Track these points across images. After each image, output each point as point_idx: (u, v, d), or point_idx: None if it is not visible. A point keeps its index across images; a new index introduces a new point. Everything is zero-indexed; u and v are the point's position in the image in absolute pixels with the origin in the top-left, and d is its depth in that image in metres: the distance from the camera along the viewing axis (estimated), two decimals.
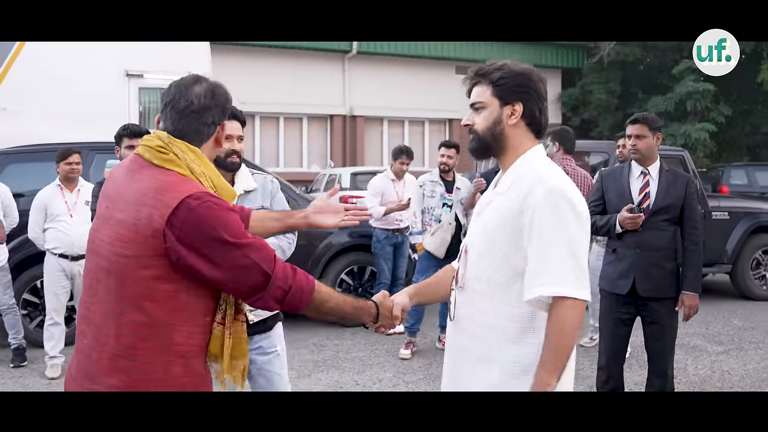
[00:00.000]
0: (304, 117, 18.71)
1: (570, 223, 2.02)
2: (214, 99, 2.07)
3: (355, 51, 18.39)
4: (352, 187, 13.72)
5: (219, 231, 1.90)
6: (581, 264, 2.03)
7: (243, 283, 1.97)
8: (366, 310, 2.33)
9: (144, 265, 1.89)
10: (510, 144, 2.20)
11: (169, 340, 1.93)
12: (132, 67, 10.31)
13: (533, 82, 2.16)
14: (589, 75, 19.77)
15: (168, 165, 1.99)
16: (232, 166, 3.31)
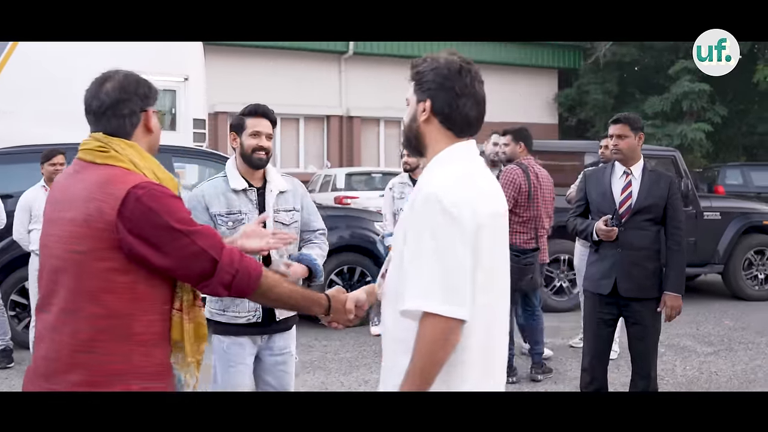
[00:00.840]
0: (301, 117, 18.72)
1: (441, 232, 1.82)
2: (125, 90, 2.10)
3: (352, 52, 18.41)
4: (346, 187, 13.74)
5: (165, 218, 1.95)
6: (453, 276, 1.81)
7: (192, 270, 2.01)
8: (317, 301, 2.32)
9: (99, 258, 1.93)
10: (426, 142, 2.06)
11: (129, 330, 1.96)
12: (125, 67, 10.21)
13: (448, 77, 1.99)
14: (586, 75, 19.80)
15: (110, 161, 2.03)
16: (259, 162, 3.37)
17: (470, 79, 2.01)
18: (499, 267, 2.00)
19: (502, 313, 2.03)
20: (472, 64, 2.04)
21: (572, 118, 20.57)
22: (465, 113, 2.01)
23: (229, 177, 3.40)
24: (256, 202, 3.39)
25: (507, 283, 2.06)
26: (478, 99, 2.03)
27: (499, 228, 2.01)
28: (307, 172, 17.44)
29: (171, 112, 10.66)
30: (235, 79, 16.87)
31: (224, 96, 16.51)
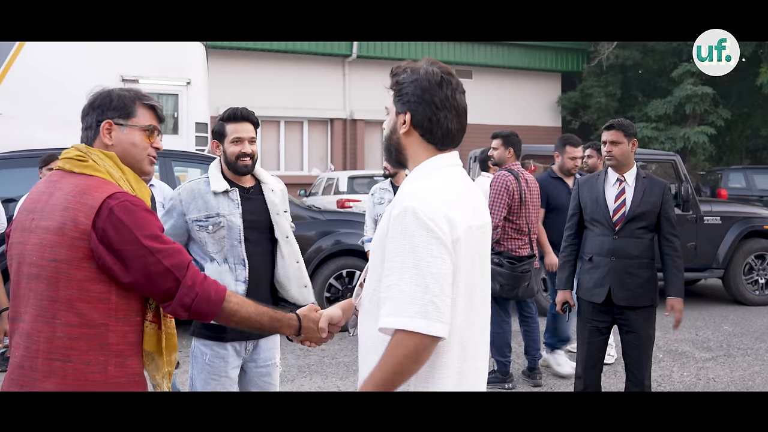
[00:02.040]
0: (305, 121, 18.77)
1: (420, 247, 1.77)
2: (90, 103, 2.17)
3: (356, 55, 18.47)
4: (349, 190, 13.77)
5: (135, 232, 1.96)
6: (432, 292, 1.76)
7: (155, 288, 2.02)
8: (286, 322, 2.32)
9: (74, 267, 1.95)
10: (408, 154, 2.02)
11: (104, 340, 1.99)
12: (128, 72, 10.36)
13: (428, 89, 1.95)
14: (589, 78, 19.82)
15: (88, 171, 2.06)
16: (244, 169, 3.29)
17: (451, 91, 1.96)
18: (477, 280, 1.95)
19: (480, 327, 1.98)
20: (453, 74, 2.00)
21: (575, 121, 20.56)
22: (446, 126, 1.97)
23: (211, 179, 3.30)
24: (238, 202, 3.27)
25: (487, 296, 2.02)
26: (459, 111, 1.99)
27: (479, 240, 1.96)
28: (310, 174, 17.49)
29: (173, 116, 10.72)
30: (239, 82, 16.96)
31: (228, 99, 16.50)
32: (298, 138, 18.83)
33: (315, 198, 14.27)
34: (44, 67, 9.65)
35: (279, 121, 18.38)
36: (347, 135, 18.97)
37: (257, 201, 3.35)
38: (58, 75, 9.65)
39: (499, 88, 20.05)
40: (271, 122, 18.06)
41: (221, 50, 16.37)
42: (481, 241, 1.98)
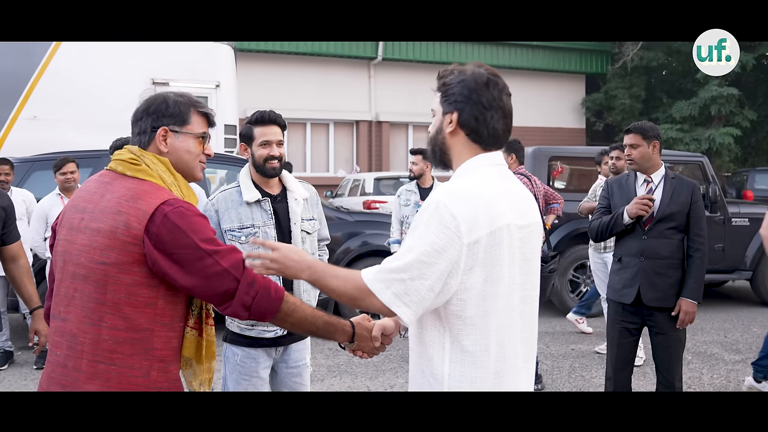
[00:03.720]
0: (331, 123, 18.88)
1: (431, 239, 1.83)
2: (145, 108, 2.16)
3: (381, 58, 18.56)
4: (375, 192, 13.83)
5: (191, 236, 1.96)
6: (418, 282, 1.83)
7: (214, 290, 2.00)
8: (340, 328, 2.25)
9: (124, 271, 1.95)
10: (452, 154, 2.05)
11: (149, 345, 2.00)
12: (158, 75, 10.50)
13: (476, 89, 1.97)
14: (613, 80, 19.77)
15: (141, 175, 2.07)
16: (272, 171, 3.29)
17: (497, 92, 1.99)
18: (518, 279, 1.95)
19: (520, 327, 1.98)
20: (499, 76, 2.02)
21: (599, 123, 20.52)
22: (492, 126, 1.99)
23: (243, 188, 3.30)
24: (271, 213, 3.28)
25: (529, 297, 2.02)
26: (505, 112, 2.01)
27: (521, 240, 1.96)
28: (337, 176, 17.59)
29: None
30: (266, 85, 17.11)
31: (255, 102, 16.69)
32: (324, 140, 18.94)
33: (341, 199, 14.36)
34: (77, 71, 9.82)
35: (305, 123, 18.50)
36: (372, 137, 19.05)
37: (282, 209, 3.34)
38: (90, 78, 9.83)
39: (524, 90, 19.99)
40: (297, 124, 18.18)
41: (249, 53, 16.52)
42: (524, 241, 1.98)
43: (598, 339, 7.53)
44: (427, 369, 1.96)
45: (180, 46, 10.07)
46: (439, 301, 1.87)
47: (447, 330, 1.92)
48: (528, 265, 2.01)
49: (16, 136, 9.52)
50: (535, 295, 2.06)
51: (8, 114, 9.69)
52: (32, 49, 9.66)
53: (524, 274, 1.99)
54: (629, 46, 18.72)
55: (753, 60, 16.78)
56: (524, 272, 1.99)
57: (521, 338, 1.99)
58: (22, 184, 7.11)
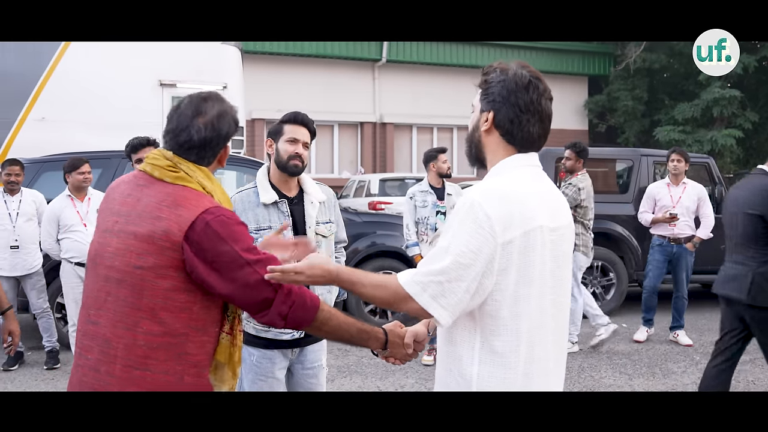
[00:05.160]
0: (335, 124, 18.92)
1: (466, 239, 1.84)
2: (216, 132, 2.12)
3: (385, 59, 18.61)
4: (380, 193, 13.86)
5: (232, 245, 1.97)
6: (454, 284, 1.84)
7: (252, 299, 2.01)
8: (373, 335, 2.25)
9: (161, 276, 1.95)
10: (486, 152, 2.05)
11: (183, 350, 1.99)
12: (165, 76, 10.53)
13: (515, 91, 1.96)
14: (616, 82, 19.83)
15: (180, 182, 2.07)
16: (294, 169, 3.27)
17: (537, 96, 1.97)
18: (548, 282, 1.94)
19: (551, 329, 1.97)
20: (541, 80, 2.01)
21: (602, 125, 20.58)
22: (527, 129, 1.97)
23: (260, 189, 3.29)
24: (288, 214, 3.27)
25: (560, 300, 2.01)
26: (543, 116, 1.99)
27: (553, 243, 1.94)
28: (341, 177, 17.62)
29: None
30: (271, 86, 17.15)
31: (261, 103, 16.83)
32: (329, 141, 18.98)
33: (346, 200, 14.39)
34: (84, 72, 9.85)
35: None
36: (377, 138, 19.09)
37: (298, 212, 3.33)
38: (97, 79, 9.85)
39: None
40: None
41: (255, 55, 16.55)
42: (556, 243, 1.96)
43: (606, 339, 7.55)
44: (455, 368, 1.97)
45: (187, 48, 10.10)
46: (475, 302, 1.87)
47: (478, 330, 1.92)
48: (559, 269, 1.99)
49: (25, 137, 9.54)
50: (567, 300, 2.06)
51: (17, 115, 9.71)
52: (40, 50, 9.69)
53: (555, 278, 1.98)
54: (632, 48, 18.76)
55: (755, 62, 16.84)
56: (555, 276, 1.98)
57: (553, 340, 1.99)
58: (32, 185, 7.13)
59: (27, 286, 6.62)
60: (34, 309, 6.63)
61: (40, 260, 6.66)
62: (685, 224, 7.37)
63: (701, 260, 8.82)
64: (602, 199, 8.78)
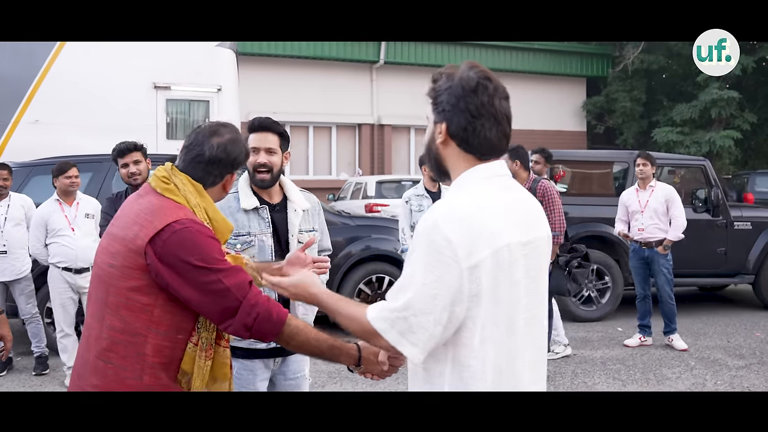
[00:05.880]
0: (333, 126, 18.88)
1: (429, 269, 1.72)
2: (227, 153, 2.23)
3: (383, 61, 18.55)
4: (377, 195, 13.82)
5: (196, 253, 2.03)
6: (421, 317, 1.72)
7: (214, 307, 2.06)
8: (345, 351, 2.21)
9: (126, 276, 2.05)
10: (447, 165, 1.91)
11: (142, 350, 2.05)
12: (159, 79, 10.54)
13: (463, 96, 1.83)
14: (614, 83, 19.77)
15: (167, 194, 2.17)
16: (261, 182, 3.15)
17: (487, 97, 1.82)
18: (523, 300, 1.82)
19: (521, 348, 1.83)
20: (491, 79, 1.86)
21: (600, 126, 20.56)
22: (484, 135, 1.82)
23: (241, 195, 3.17)
24: (268, 221, 3.16)
25: (535, 318, 1.89)
26: (498, 118, 1.84)
27: (527, 258, 1.83)
28: (339, 179, 17.59)
29: (205, 121, 10.84)
30: (269, 88, 17.13)
31: (257, 105, 16.76)
32: (327, 143, 18.94)
33: (343, 202, 14.35)
34: (79, 74, 9.82)
35: (308, 127, 18.50)
36: (375, 140, 19.05)
37: (280, 219, 3.23)
38: (92, 82, 9.84)
39: (524, 93, 19.98)
40: (299, 128, 18.19)
41: (252, 57, 16.52)
42: (529, 257, 1.84)
43: (600, 344, 7.51)
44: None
45: (182, 50, 10.08)
46: (449, 332, 1.75)
47: (449, 358, 1.79)
48: (534, 284, 1.87)
49: (18, 140, 9.52)
50: (543, 313, 1.93)
51: (10, 118, 9.70)
52: (34, 52, 9.67)
53: (530, 294, 1.85)
54: (630, 50, 18.72)
55: (753, 63, 16.76)
56: (530, 291, 1.85)
57: (530, 360, 1.87)
58: (21, 189, 7.07)
59: (15, 291, 6.56)
60: (23, 314, 6.58)
61: (28, 265, 6.61)
62: (655, 227, 7.31)
63: (697, 263, 8.81)
64: (598, 202, 8.77)
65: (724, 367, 6.69)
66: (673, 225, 7.27)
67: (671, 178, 9.82)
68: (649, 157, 7.43)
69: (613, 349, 7.33)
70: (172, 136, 10.66)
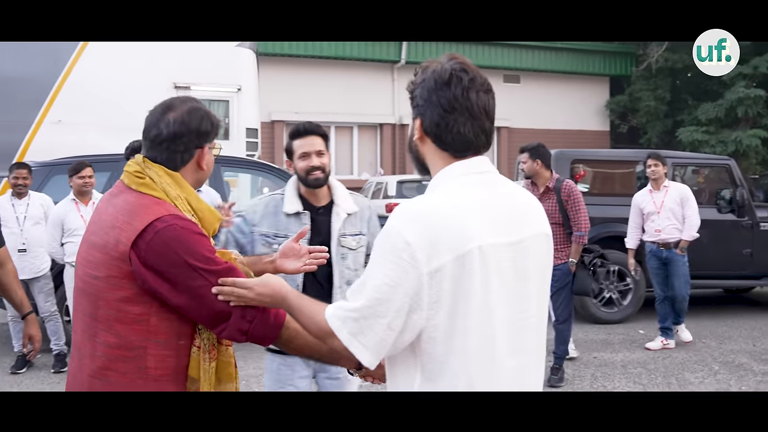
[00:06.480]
0: (355, 126, 18.90)
1: (387, 271, 1.63)
2: (186, 126, 2.01)
3: (404, 61, 18.53)
4: (397, 195, 13.80)
5: (182, 255, 1.86)
6: (374, 321, 1.64)
7: (207, 311, 1.90)
8: (345, 355, 1.95)
9: (113, 287, 1.87)
10: (427, 162, 1.81)
11: (143, 364, 1.89)
12: (180, 79, 10.57)
13: (434, 90, 1.73)
14: (638, 82, 19.56)
15: (143, 189, 1.97)
16: (315, 182, 3.21)
17: (461, 90, 1.71)
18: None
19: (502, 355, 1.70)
20: (468, 71, 1.75)
21: (624, 125, 20.35)
22: (457, 130, 1.71)
23: (285, 198, 3.26)
24: (309, 226, 3.19)
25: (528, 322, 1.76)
26: (473, 112, 1.72)
27: (513, 259, 1.70)
28: (360, 179, 17.59)
29: (224, 121, 10.90)
30: (291, 88, 17.20)
31: (280, 105, 16.86)
32: (348, 143, 18.96)
33: None
34: (100, 75, 9.87)
35: (329, 127, 18.49)
36: (396, 140, 19.03)
37: (324, 223, 3.26)
38: (113, 82, 9.88)
39: (547, 92, 19.90)
40: None
41: (273, 57, 16.56)
42: (517, 259, 1.72)
43: (621, 346, 7.40)
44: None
45: (201, 51, 10.10)
46: (405, 339, 1.65)
47: (418, 369, 1.70)
48: (524, 286, 1.74)
49: (42, 140, 9.59)
50: (536, 316, 1.78)
51: (33, 118, 9.77)
52: (57, 53, 9.73)
53: (522, 298, 1.73)
54: (654, 48, 18.51)
55: None
56: (522, 295, 1.73)
57: (516, 367, 1.74)
58: (41, 188, 7.14)
59: (35, 289, 6.61)
60: (42, 312, 6.61)
61: (47, 263, 6.66)
62: (672, 228, 7.25)
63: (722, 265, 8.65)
64: (619, 202, 8.63)
65: (749, 372, 6.55)
66: (687, 225, 7.21)
67: (695, 178, 9.67)
68: (660, 157, 7.37)
69: (634, 352, 7.21)
70: None
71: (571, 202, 6.09)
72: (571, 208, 6.07)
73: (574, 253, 6.03)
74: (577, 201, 6.11)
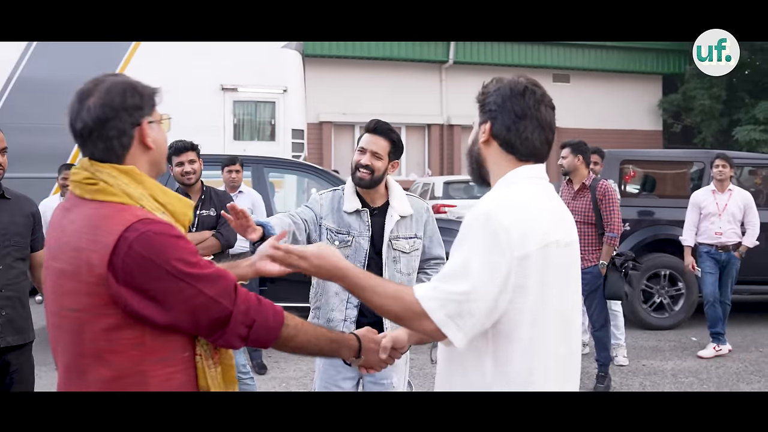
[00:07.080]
0: (403, 126, 18.86)
1: (481, 254, 1.71)
2: (109, 105, 1.74)
3: (452, 61, 18.52)
4: (444, 196, 13.75)
5: (164, 266, 1.64)
6: (472, 303, 1.69)
7: (201, 323, 1.70)
8: (345, 344, 2.04)
9: (97, 316, 1.65)
10: (488, 165, 1.94)
11: (145, 388, 1.69)
12: (227, 81, 10.67)
13: (509, 98, 1.87)
14: (692, 80, 19.06)
15: (100, 196, 1.71)
16: (358, 181, 3.18)
17: (534, 102, 1.87)
18: (557, 301, 1.80)
19: (552, 347, 1.81)
20: (539, 86, 1.91)
21: (677, 125, 19.91)
22: (525, 137, 1.87)
23: (345, 196, 3.24)
24: (368, 224, 3.21)
25: (568, 319, 1.87)
26: (542, 123, 1.88)
27: (564, 258, 1.83)
28: (408, 179, 17.58)
29: (270, 123, 10.95)
30: (338, 89, 17.31)
31: (328, 106, 16.94)
32: None
33: None
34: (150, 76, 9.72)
35: None
36: (444, 140, 19.02)
37: (377, 224, 3.24)
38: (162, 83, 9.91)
39: (597, 91, 19.63)
40: None
41: (320, 59, 16.64)
42: (567, 259, 1.86)
43: (672, 354, 7.19)
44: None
45: (248, 52, 10.18)
46: (489, 322, 1.73)
47: (491, 353, 1.77)
48: (569, 286, 1.88)
49: None
50: (577, 318, 1.95)
51: None
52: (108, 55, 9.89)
53: (568, 293, 1.88)
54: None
55: None
56: (569, 292, 1.88)
57: (564, 362, 1.88)
58: None
59: None
60: None
61: None
62: (732, 231, 7.08)
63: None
64: (672, 204, 8.40)
65: None
66: (750, 232, 7.05)
67: (752, 179, 9.37)
68: (728, 159, 7.15)
69: (686, 360, 6.98)
70: (239, 137, 10.81)
71: (606, 201, 5.98)
72: (605, 208, 5.97)
73: (605, 255, 5.91)
74: (611, 201, 6.00)
